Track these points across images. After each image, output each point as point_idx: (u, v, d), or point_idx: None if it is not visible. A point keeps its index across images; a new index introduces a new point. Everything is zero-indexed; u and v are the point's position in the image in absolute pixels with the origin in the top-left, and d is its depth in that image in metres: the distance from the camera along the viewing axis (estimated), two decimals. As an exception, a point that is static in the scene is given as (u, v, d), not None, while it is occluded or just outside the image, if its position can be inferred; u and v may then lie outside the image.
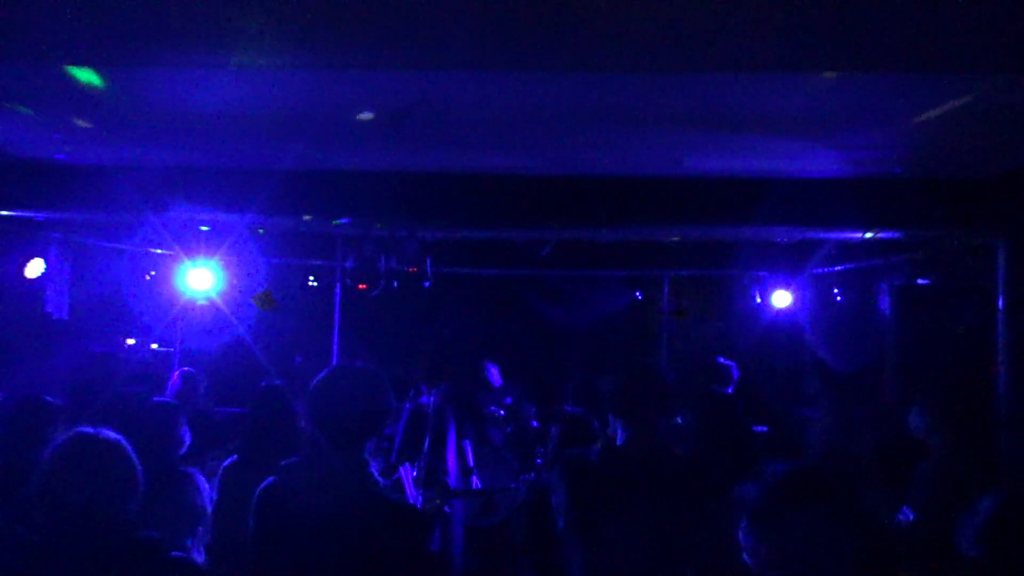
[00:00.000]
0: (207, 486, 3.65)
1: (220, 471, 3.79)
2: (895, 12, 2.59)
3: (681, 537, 2.90)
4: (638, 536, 2.91)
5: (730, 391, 6.17)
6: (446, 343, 8.98)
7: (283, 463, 2.72)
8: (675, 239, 7.11)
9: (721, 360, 6.28)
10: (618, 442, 3.16)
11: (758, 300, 8.01)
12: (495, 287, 9.22)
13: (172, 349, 7.94)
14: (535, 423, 7.28)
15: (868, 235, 5.47)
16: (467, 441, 6.31)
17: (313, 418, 2.74)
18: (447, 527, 6.01)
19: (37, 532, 2.26)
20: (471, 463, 6.20)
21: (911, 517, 3.68)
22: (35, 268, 6.11)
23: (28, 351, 6.02)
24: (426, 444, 6.06)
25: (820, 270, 7.50)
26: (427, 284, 6.66)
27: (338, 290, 8.00)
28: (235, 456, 3.85)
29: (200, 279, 6.77)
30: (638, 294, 9.61)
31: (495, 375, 7.94)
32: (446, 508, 5.76)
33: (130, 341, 7.76)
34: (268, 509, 2.62)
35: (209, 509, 3.57)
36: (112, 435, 2.42)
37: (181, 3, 2.61)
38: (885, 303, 6.22)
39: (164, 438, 3.57)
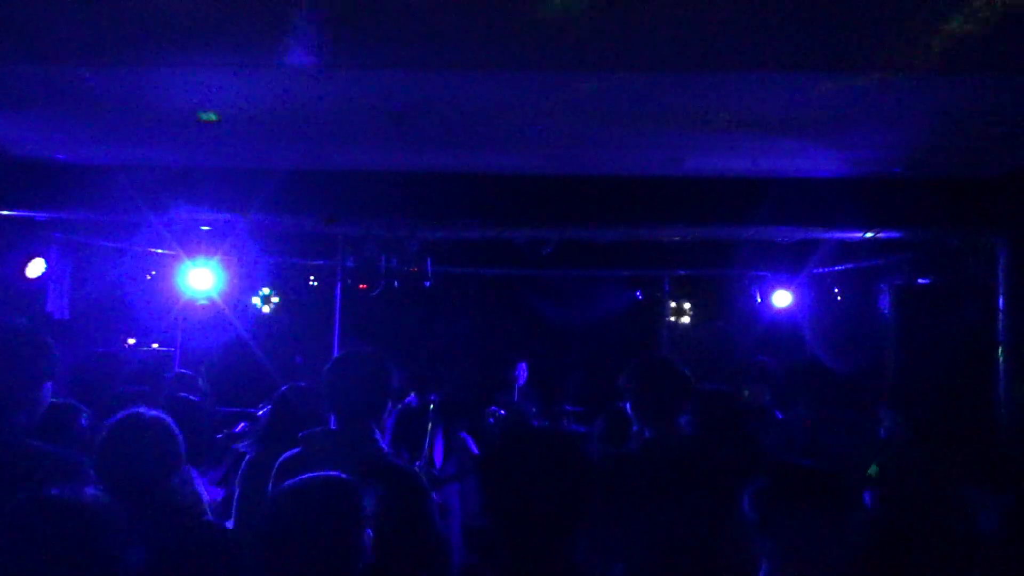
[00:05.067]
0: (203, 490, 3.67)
1: (242, 466, 3.83)
2: (896, 12, 2.59)
3: (711, 532, 2.91)
4: (671, 534, 2.92)
5: (766, 392, 6.02)
6: (446, 343, 8.99)
7: (301, 434, 3.01)
8: (675, 239, 7.11)
9: (761, 358, 6.16)
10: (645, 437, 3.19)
11: (758, 300, 8.00)
12: (496, 287, 9.22)
13: (172, 349, 7.94)
14: (536, 422, 7.29)
15: (868, 235, 5.47)
16: (465, 434, 6.34)
17: (325, 397, 3.05)
18: (444, 523, 6.03)
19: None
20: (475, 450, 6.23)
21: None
22: (36, 268, 6.11)
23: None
24: (426, 445, 6.07)
25: (820, 270, 7.50)
26: (427, 284, 6.67)
27: (339, 290, 8.01)
28: (251, 454, 3.89)
29: (200, 279, 6.78)
30: (638, 294, 9.61)
31: (522, 376, 7.98)
32: (436, 497, 5.77)
33: (131, 341, 7.76)
34: (286, 473, 2.83)
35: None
36: (160, 415, 2.71)
37: (182, 3, 2.61)
38: (885, 303, 6.21)
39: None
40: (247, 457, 3.88)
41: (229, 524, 3.58)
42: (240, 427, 5.26)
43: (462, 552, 6.04)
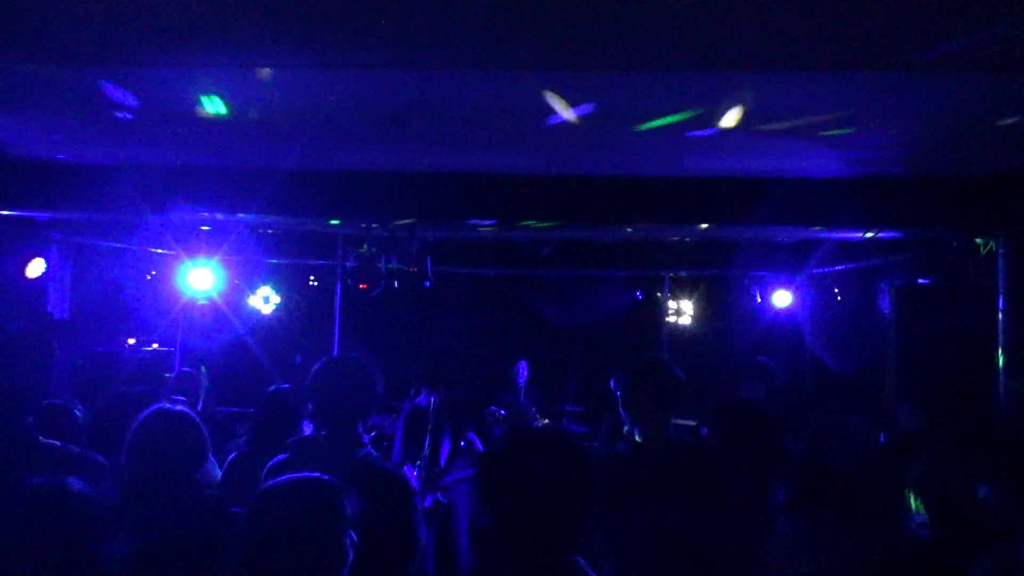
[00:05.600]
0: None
1: (225, 464, 3.87)
2: (895, 11, 2.59)
3: (701, 533, 2.91)
4: (661, 534, 2.93)
5: (763, 393, 6.00)
6: (446, 343, 8.99)
7: (289, 440, 3.07)
8: (675, 239, 7.11)
9: (762, 359, 6.16)
10: (636, 438, 3.20)
11: (758, 300, 8.00)
12: (495, 287, 9.22)
13: (172, 349, 7.95)
14: (536, 423, 7.28)
15: (868, 235, 5.47)
16: (472, 433, 6.32)
17: (312, 402, 3.12)
18: (448, 522, 6.02)
19: (123, 490, 2.64)
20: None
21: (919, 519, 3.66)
22: (36, 268, 6.11)
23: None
24: (426, 446, 6.07)
25: (820, 270, 7.50)
26: (427, 284, 6.67)
27: (339, 290, 8.01)
28: (237, 451, 3.94)
29: (200, 279, 6.78)
30: (638, 294, 9.61)
31: (522, 373, 7.97)
32: (442, 498, 5.79)
33: (131, 341, 7.76)
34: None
35: None
36: (186, 410, 2.83)
37: (181, 3, 2.61)
38: (885, 303, 6.20)
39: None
40: (231, 456, 3.92)
41: None
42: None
43: (468, 553, 6.04)
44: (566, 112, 3.62)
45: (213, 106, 3.64)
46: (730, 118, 3.80)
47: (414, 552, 2.75)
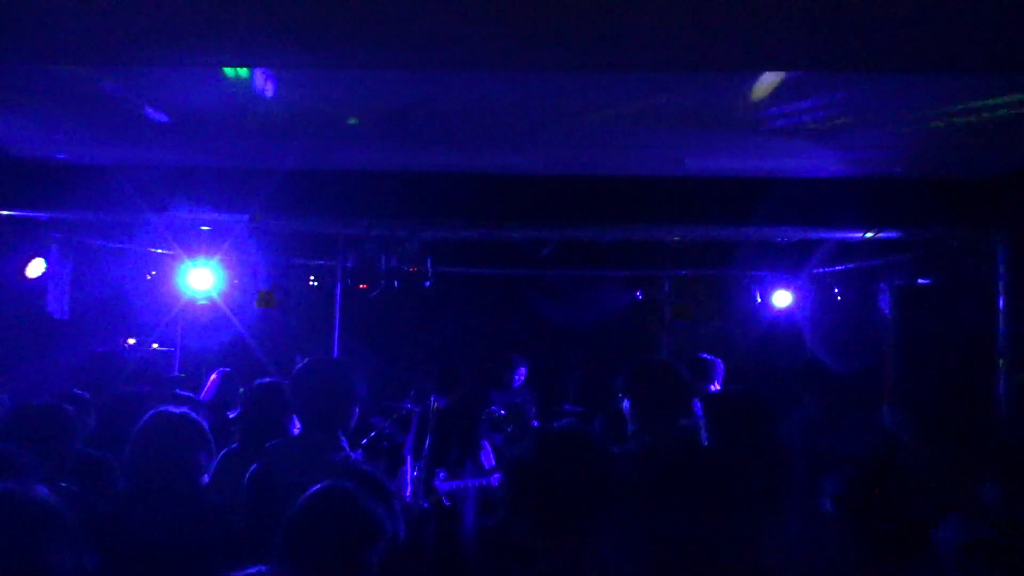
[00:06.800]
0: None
1: (218, 458, 3.86)
2: (896, 12, 2.59)
3: (708, 533, 2.91)
4: (668, 536, 2.94)
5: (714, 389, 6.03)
6: (447, 343, 8.98)
7: (269, 444, 3.10)
8: (675, 239, 7.11)
9: (704, 356, 6.18)
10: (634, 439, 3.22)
11: (758, 300, 8.00)
12: (495, 287, 9.21)
13: (172, 349, 7.94)
14: (536, 423, 7.28)
15: (868, 235, 5.47)
16: (485, 441, 6.32)
17: (293, 404, 3.20)
18: (452, 525, 6.02)
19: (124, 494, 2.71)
20: (492, 463, 6.19)
21: None
22: (36, 268, 6.11)
23: (29, 351, 6.02)
24: (427, 445, 6.06)
25: (820, 270, 7.50)
26: (428, 284, 6.66)
27: (339, 290, 8.00)
28: (232, 446, 3.94)
29: (201, 279, 6.79)
30: (638, 294, 9.60)
31: (520, 375, 7.95)
32: (446, 501, 5.79)
33: (131, 341, 7.75)
34: (258, 484, 2.98)
35: None
36: (187, 412, 2.86)
37: (181, 3, 2.61)
38: (885, 303, 6.21)
39: None
40: (221, 452, 3.92)
41: None
42: None
43: (474, 553, 6.03)
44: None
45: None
46: (731, 117, 3.80)
47: (394, 553, 2.76)
